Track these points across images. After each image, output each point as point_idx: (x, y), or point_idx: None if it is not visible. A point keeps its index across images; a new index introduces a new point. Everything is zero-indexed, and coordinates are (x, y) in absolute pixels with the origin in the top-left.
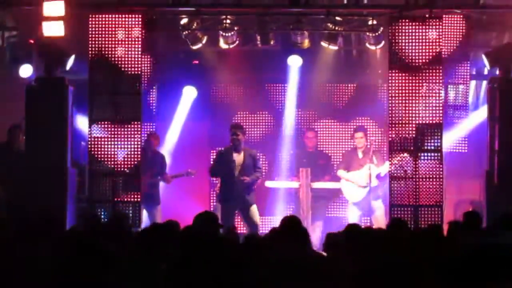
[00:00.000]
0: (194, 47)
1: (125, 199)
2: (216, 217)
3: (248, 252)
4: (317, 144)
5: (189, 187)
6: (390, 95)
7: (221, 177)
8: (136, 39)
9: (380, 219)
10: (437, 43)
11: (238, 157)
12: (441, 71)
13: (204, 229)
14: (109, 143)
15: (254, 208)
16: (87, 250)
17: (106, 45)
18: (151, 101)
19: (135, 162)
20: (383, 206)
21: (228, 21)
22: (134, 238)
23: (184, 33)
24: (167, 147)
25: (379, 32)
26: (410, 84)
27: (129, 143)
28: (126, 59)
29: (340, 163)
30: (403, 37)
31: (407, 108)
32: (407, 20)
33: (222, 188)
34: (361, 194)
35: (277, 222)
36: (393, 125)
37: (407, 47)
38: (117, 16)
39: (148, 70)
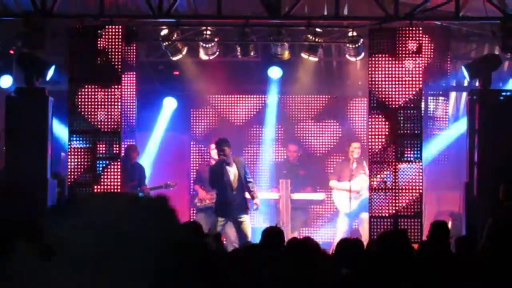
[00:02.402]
0: (174, 58)
1: None
2: (201, 227)
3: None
4: (298, 156)
5: (169, 198)
6: (370, 106)
7: (218, 191)
8: (117, 50)
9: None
10: (417, 55)
11: (232, 170)
12: (421, 82)
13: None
14: (89, 154)
15: (247, 220)
16: None
17: (87, 56)
18: (131, 112)
19: (115, 173)
20: None
21: (208, 32)
22: None
23: (164, 44)
24: (147, 158)
25: (359, 44)
26: (390, 96)
27: (108, 154)
28: (106, 70)
29: (332, 173)
30: (383, 49)
31: (387, 119)
32: (387, 32)
33: (219, 201)
34: (352, 205)
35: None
36: (373, 136)
37: (386, 59)
38: (98, 27)
39: (128, 81)
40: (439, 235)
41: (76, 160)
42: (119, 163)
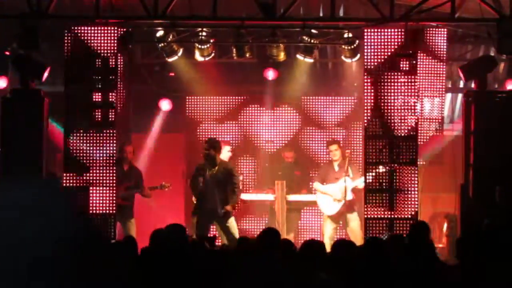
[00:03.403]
0: (170, 59)
1: (100, 211)
2: (184, 229)
3: (219, 262)
4: (295, 160)
5: (164, 200)
6: (365, 108)
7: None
8: (112, 51)
9: (355, 231)
10: (413, 56)
11: (211, 171)
12: (416, 84)
13: (172, 240)
14: (84, 155)
15: (231, 221)
16: None
17: (82, 57)
18: (126, 113)
19: (110, 174)
20: (358, 219)
21: (203, 33)
22: None
23: (160, 45)
24: (143, 159)
25: (355, 45)
26: (386, 97)
27: (104, 155)
28: (102, 71)
29: (317, 175)
30: (378, 50)
31: (382, 121)
32: (382, 32)
33: (197, 200)
34: (336, 207)
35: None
36: (369, 138)
37: (382, 60)
38: (93, 28)
39: (124, 82)
40: (419, 236)
41: (71, 161)
42: (113, 165)
